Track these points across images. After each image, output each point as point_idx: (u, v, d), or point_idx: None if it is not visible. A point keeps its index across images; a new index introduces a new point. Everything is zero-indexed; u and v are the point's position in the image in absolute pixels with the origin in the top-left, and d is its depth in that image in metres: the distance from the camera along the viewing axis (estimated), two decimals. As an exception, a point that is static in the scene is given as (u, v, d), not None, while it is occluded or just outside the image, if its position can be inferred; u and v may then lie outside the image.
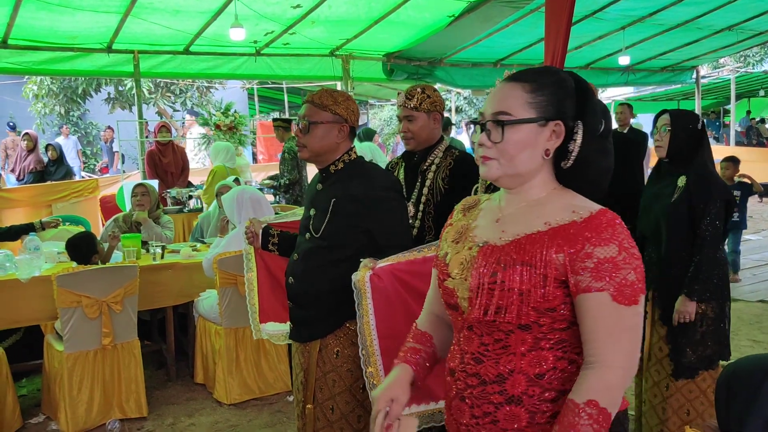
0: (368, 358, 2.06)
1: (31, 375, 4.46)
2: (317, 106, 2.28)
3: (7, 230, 4.90)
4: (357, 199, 2.22)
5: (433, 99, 2.75)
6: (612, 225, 1.26)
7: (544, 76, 1.36)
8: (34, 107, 12.97)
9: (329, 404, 2.27)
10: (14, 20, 5.90)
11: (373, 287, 2.05)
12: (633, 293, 1.24)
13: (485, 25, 7.47)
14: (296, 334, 2.39)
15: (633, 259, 1.25)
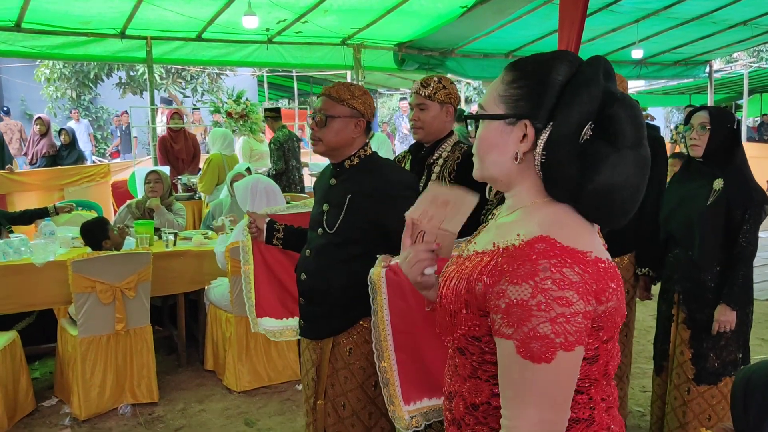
0: (381, 353, 2.06)
1: (43, 358, 4.52)
2: (334, 99, 2.24)
3: (21, 214, 4.96)
4: (374, 196, 2.19)
5: (449, 91, 2.67)
6: (533, 260, 1.04)
7: (530, 64, 1.17)
8: (46, 91, 13.02)
9: (341, 401, 2.27)
10: (28, 4, 5.91)
11: (389, 282, 2.04)
12: (544, 349, 1.02)
13: (498, 16, 7.44)
14: (308, 331, 2.36)
15: (554, 306, 1.01)
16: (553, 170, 1.12)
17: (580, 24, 4.78)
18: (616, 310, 1.12)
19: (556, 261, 1.03)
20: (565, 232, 1.09)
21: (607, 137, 1.09)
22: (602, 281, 1.08)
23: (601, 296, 1.07)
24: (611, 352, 1.15)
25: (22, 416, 3.67)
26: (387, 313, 2.05)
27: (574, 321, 1.02)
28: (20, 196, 6.88)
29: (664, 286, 3.00)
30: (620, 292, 1.13)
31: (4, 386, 3.52)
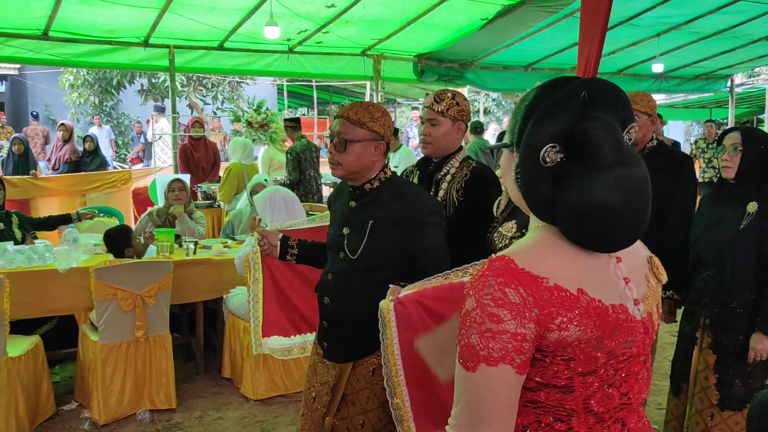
0: (393, 389, 2.00)
1: (64, 362, 4.58)
2: (353, 122, 2.17)
3: (44, 220, 5.05)
4: (399, 223, 2.15)
5: (462, 108, 2.60)
6: (485, 275, 1.10)
7: (528, 93, 1.22)
8: (69, 97, 13.22)
9: (359, 419, 2.24)
10: (56, 13, 6.03)
11: (398, 315, 1.99)
12: (470, 358, 1.08)
13: (518, 28, 7.46)
14: (332, 354, 2.32)
15: (485, 320, 1.07)
16: (525, 191, 1.17)
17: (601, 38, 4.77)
18: (587, 344, 1.11)
19: (501, 280, 1.08)
20: (529, 255, 1.12)
21: (577, 159, 1.11)
22: (551, 308, 1.08)
23: (548, 323, 1.08)
24: (592, 386, 1.14)
25: (43, 420, 3.73)
26: (397, 347, 2.00)
27: (500, 338, 1.07)
28: (43, 201, 6.98)
29: (689, 309, 2.95)
30: (590, 326, 1.11)
31: (26, 390, 3.58)
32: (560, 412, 1.14)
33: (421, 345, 2.00)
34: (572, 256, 1.14)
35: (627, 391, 1.18)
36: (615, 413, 1.17)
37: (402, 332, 1.99)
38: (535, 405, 1.15)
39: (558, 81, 1.20)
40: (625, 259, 1.19)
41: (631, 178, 1.10)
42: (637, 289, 1.18)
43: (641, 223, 1.13)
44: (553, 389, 1.13)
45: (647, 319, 1.20)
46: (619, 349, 1.14)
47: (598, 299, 1.12)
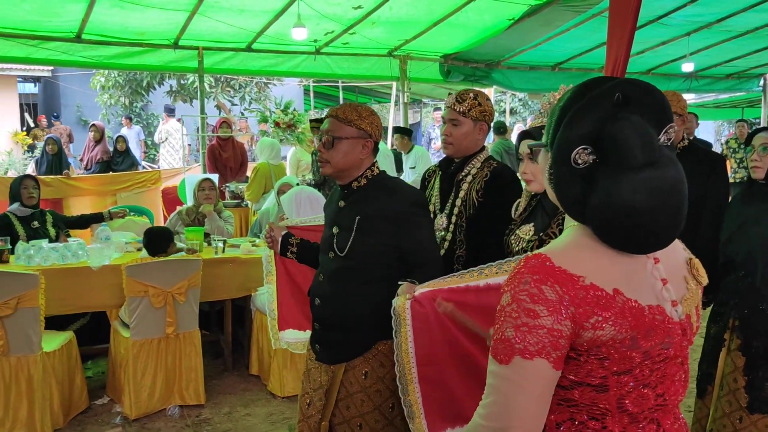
0: (406, 387, 2.00)
1: (96, 358, 4.68)
2: (341, 120, 2.22)
3: (77, 219, 5.16)
4: (384, 217, 2.17)
5: (484, 108, 2.57)
6: (521, 272, 1.12)
7: (564, 95, 1.22)
8: (101, 98, 13.45)
9: (357, 422, 2.24)
10: (89, 16, 6.15)
11: (414, 314, 2.00)
12: (504, 351, 1.10)
13: (545, 28, 7.42)
14: (324, 356, 2.31)
15: (521, 315, 1.09)
16: (557, 192, 1.20)
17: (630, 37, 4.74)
18: (621, 343, 1.11)
19: (538, 277, 1.10)
20: (566, 254, 1.14)
21: (608, 161, 1.11)
22: (587, 307, 1.10)
23: (583, 321, 1.10)
24: (626, 386, 1.14)
25: (76, 413, 3.82)
26: (411, 345, 2.00)
27: (536, 333, 1.09)
28: (75, 200, 7.12)
29: (717, 310, 2.91)
30: (625, 326, 1.11)
31: (60, 384, 3.67)
32: (594, 410, 1.15)
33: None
34: (608, 256, 1.15)
35: (663, 392, 1.18)
36: (650, 414, 1.17)
37: (418, 331, 2.00)
38: (569, 403, 1.16)
39: (592, 82, 1.20)
40: (664, 260, 1.19)
41: (662, 179, 1.09)
42: (675, 290, 1.18)
43: (676, 224, 1.13)
44: (587, 388, 1.14)
45: (685, 321, 1.20)
46: (655, 350, 1.14)
47: (635, 300, 1.13)
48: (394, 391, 2.19)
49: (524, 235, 2.19)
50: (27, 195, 4.64)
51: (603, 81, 1.18)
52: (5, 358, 3.46)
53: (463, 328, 2.01)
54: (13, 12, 5.93)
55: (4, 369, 3.47)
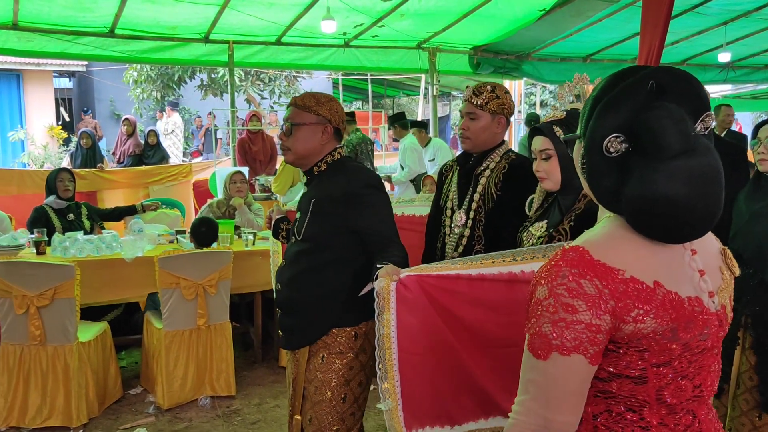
0: (385, 373, 1.90)
1: (129, 348, 4.77)
2: (300, 108, 2.25)
3: (111, 211, 5.25)
4: (336, 199, 2.17)
5: (502, 101, 2.50)
6: (558, 266, 1.10)
7: (597, 85, 1.22)
8: (133, 92, 13.66)
9: (310, 413, 2.23)
10: (122, 11, 6.24)
11: (399, 297, 1.90)
12: (542, 346, 1.10)
13: (577, 19, 7.30)
14: (286, 341, 2.35)
15: (559, 310, 1.08)
16: (590, 182, 1.18)
17: (664, 27, 4.65)
18: (662, 336, 1.10)
19: (576, 271, 1.08)
20: (604, 246, 1.12)
21: (643, 149, 1.09)
22: (627, 300, 1.08)
23: (624, 315, 1.08)
24: (666, 378, 1.14)
25: (111, 402, 3.89)
26: (394, 330, 1.90)
27: (574, 329, 1.08)
28: (108, 193, 7.25)
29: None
30: (666, 318, 1.10)
31: (95, 373, 3.74)
32: (632, 402, 1.14)
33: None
34: (646, 247, 1.13)
35: (700, 383, 1.18)
36: (687, 405, 1.17)
37: (401, 315, 1.91)
38: (607, 395, 1.16)
39: (626, 71, 1.18)
40: (700, 251, 1.17)
41: (698, 168, 1.08)
42: (711, 281, 1.17)
43: (712, 214, 1.10)
44: (625, 380, 1.13)
45: (721, 311, 1.19)
46: (694, 342, 1.14)
47: (674, 291, 1.12)
48: (348, 381, 2.20)
49: (536, 232, 2.15)
50: (63, 188, 4.73)
51: (637, 70, 1.16)
52: (42, 348, 3.55)
53: (450, 320, 1.94)
54: (49, 8, 6.04)
55: (42, 358, 3.55)
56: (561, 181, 2.07)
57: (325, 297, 2.19)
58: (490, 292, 1.92)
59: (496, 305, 1.93)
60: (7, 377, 3.54)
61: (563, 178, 2.06)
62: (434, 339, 1.94)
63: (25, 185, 6.53)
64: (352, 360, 2.22)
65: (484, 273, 1.91)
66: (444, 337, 1.95)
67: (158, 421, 3.69)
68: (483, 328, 1.96)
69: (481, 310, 1.95)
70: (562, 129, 2.04)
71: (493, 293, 1.92)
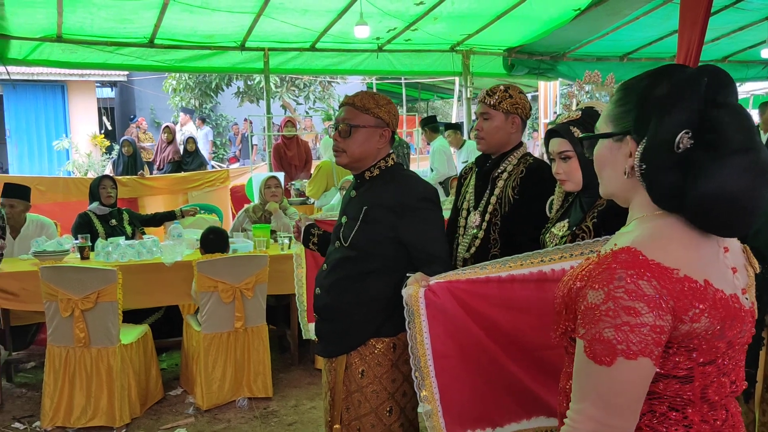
0: (422, 381, 1.89)
1: (170, 351, 4.87)
2: (359, 108, 2.18)
3: (151, 217, 5.38)
4: (390, 209, 2.12)
5: (516, 101, 2.49)
6: (612, 268, 1.08)
7: (635, 83, 1.21)
8: (173, 100, 13.95)
9: (355, 425, 2.18)
10: (161, 22, 6.40)
11: (428, 304, 1.90)
12: (604, 352, 1.07)
13: (613, 18, 7.20)
14: (322, 348, 2.32)
15: (620, 313, 1.06)
16: (653, 180, 1.15)
17: (703, 23, 4.56)
18: (712, 334, 1.11)
19: (633, 272, 1.07)
20: (656, 246, 1.11)
21: (708, 144, 1.10)
22: (685, 300, 1.08)
23: (682, 315, 1.08)
24: (711, 376, 1.14)
25: (152, 403, 3.99)
26: (427, 336, 1.89)
27: (639, 332, 1.06)
28: (149, 200, 7.43)
29: None
30: (716, 317, 1.10)
31: (137, 375, 3.83)
32: (677, 401, 1.14)
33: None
34: (693, 245, 1.14)
35: (735, 379, 1.19)
36: (725, 401, 1.18)
37: (433, 321, 1.91)
38: (651, 396, 1.15)
39: (668, 69, 1.19)
40: (729, 249, 1.19)
41: (759, 163, 1.10)
42: (741, 278, 1.18)
43: (760, 208, 1.13)
44: (672, 380, 1.13)
45: (752, 308, 1.20)
46: (736, 339, 1.15)
47: (721, 289, 1.12)
48: (392, 394, 2.15)
49: (558, 232, 2.12)
50: (105, 194, 4.87)
51: (679, 68, 1.18)
52: (87, 350, 3.65)
53: (483, 324, 1.93)
54: (91, 20, 6.23)
55: (86, 360, 3.66)
56: (582, 182, 2.04)
57: (365, 305, 2.16)
58: (520, 293, 1.91)
59: (527, 307, 1.91)
60: (54, 378, 3.66)
61: (584, 178, 2.03)
62: (468, 342, 1.94)
63: (69, 192, 6.74)
64: (394, 371, 2.18)
65: (515, 274, 1.91)
66: (478, 339, 1.94)
67: (198, 422, 3.76)
68: (516, 331, 1.94)
69: (513, 313, 1.93)
70: (579, 129, 2.02)
71: (524, 294, 1.90)
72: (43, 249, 4.22)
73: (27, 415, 3.88)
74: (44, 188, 6.57)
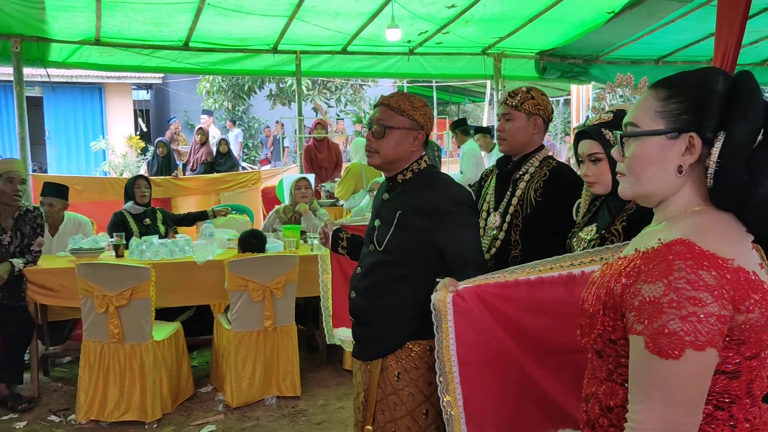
0: (446, 386, 1.88)
1: (201, 348, 4.95)
2: (394, 110, 2.17)
3: (184, 217, 5.47)
4: (425, 213, 2.11)
5: (538, 101, 2.50)
6: (669, 260, 1.07)
7: (685, 80, 1.20)
8: (206, 103, 14.17)
9: (390, 427, 2.17)
10: (195, 25, 6.50)
11: (456, 309, 1.89)
12: (671, 345, 1.04)
13: (648, 20, 7.10)
14: (358, 351, 2.31)
15: (685, 304, 1.03)
16: (726, 178, 1.14)
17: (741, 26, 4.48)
18: (761, 327, 1.10)
19: (692, 262, 1.05)
20: (708, 237, 1.10)
21: None
22: (742, 290, 1.08)
23: (739, 305, 1.08)
24: (756, 370, 1.13)
25: (183, 400, 4.06)
26: (453, 342, 1.88)
27: (707, 322, 1.04)
28: (182, 200, 7.55)
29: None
30: (765, 308, 1.10)
31: (169, 371, 3.90)
32: (723, 398, 1.12)
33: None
34: (740, 239, 1.15)
35: None
36: (763, 396, 1.17)
37: (460, 326, 1.89)
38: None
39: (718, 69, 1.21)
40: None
41: None
42: (763, 275, 1.18)
43: None
44: (720, 375, 1.11)
45: None
46: None
47: (765, 281, 1.12)
48: (428, 397, 2.13)
49: (586, 236, 2.10)
50: (140, 194, 4.97)
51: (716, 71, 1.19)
52: (121, 345, 3.73)
53: (511, 329, 1.91)
54: (128, 24, 6.36)
55: (120, 355, 3.74)
56: (611, 184, 2.02)
57: (401, 309, 2.15)
58: (550, 295, 1.89)
59: (557, 310, 1.89)
60: (88, 373, 3.74)
61: (614, 181, 2.00)
62: (495, 350, 1.93)
63: (106, 192, 6.89)
64: (430, 374, 2.15)
65: (544, 277, 1.89)
66: (506, 347, 1.93)
67: (227, 419, 3.81)
68: (545, 335, 1.92)
69: (543, 317, 1.91)
70: (611, 131, 1.99)
71: (553, 297, 1.89)
72: (79, 246, 4.32)
73: (62, 408, 3.98)
74: (81, 188, 6.72)
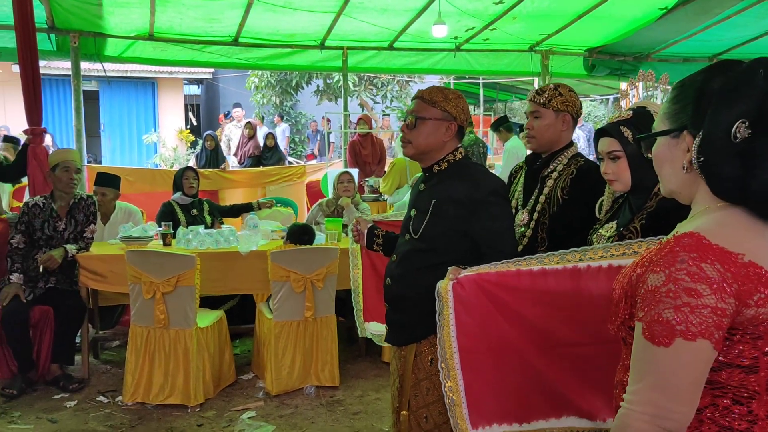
0: (447, 372, 1.92)
1: (243, 337, 5.06)
2: (426, 102, 2.23)
3: (230, 208, 5.60)
4: (459, 202, 2.14)
5: (566, 98, 2.50)
6: (674, 251, 1.10)
7: (688, 80, 1.23)
8: (255, 98, 14.41)
9: (423, 413, 2.21)
10: (245, 21, 6.64)
11: (456, 296, 1.92)
12: (663, 332, 1.08)
13: (703, 17, 6.91)
14: (392, 337, 2.36)
15: (681, 294, 1.07)
16: (711, 171, 1.16)
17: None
18: None
19: (696, 255, 1.08)
20: (719, 232, 1.11)
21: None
22: (750, 284, 1.08)
23: (746, 299, 1.08)
24: None
25: (225, 386, 4.16)
26: (453, 329, 1.92)
27: (700, 313, 1.06)
28: (229, 192, 7.72)
29: None
30: None
31: (212, 357, 4.01)
32: (741, 393, 1.13)
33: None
34: (757, 234, 1.14)
35: None
36: None
37: (459, 314, 1.92)
38: (714, 386, 1.14)
39: (723, 63, 1.21)
40: None
41: None
42: None
43: None
44: (736, 369, 1.12)
45: None
46: None
47: None
48: None
49: (606, 233, 2.10)
50: (188, 185, 5.11)
51: (736, 62, 1.18)
52: (166, 331, 3.85)
53: (513, 318, 1.92)
54: (180, 20, 6.53)
55: (165, 340, 3.86)
56: (631, 182, 2.01)
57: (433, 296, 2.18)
58: (553, 287, 1.89)
59: (559, 300, 1.89)
60: (135, 356, 3.88)
61: (633, 178, 2.00)
62: (496, 337, 1.95)
63: (156, 183, 7.09)
64: None
65: (547, 269, 1.90)
66: (507, 334, 1.94)
67: (266, 406, 3.90)
68: (547, 326, 1.93)
69: (545, 307, 1.92)
70: (630, 129, 1.99)
71: (557, 288, 1.89)
72: (129, 234, 4.47)
73: (110, 390, 4.13)
74: (133, 179, 6.94)
